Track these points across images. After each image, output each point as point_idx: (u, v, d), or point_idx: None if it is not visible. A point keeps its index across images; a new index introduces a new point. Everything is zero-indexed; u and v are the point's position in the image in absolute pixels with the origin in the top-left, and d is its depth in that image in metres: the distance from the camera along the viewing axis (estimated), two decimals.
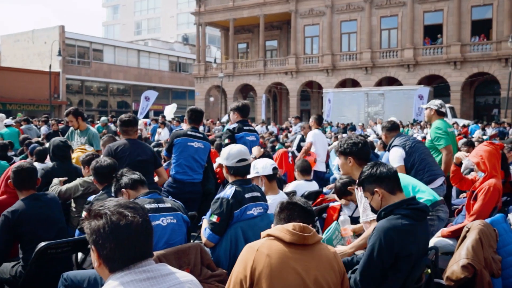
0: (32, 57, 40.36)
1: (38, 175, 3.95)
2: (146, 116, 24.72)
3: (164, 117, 19.02)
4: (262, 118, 29.33)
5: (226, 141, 5.85)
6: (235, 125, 6.05)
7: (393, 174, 2.93)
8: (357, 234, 3.92)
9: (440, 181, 5.11)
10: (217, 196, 3.59)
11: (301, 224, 2.32)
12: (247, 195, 3.56)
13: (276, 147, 10.43)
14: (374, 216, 3.08)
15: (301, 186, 5.86)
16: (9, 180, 3.91)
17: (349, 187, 4.46)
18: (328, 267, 2.31)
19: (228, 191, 3.56)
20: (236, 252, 3.28)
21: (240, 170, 3.69)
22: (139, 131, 7.11)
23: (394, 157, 5.22)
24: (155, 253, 2.78)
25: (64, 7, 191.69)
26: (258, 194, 3.68)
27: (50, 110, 33.84)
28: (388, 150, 5.57)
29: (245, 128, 6.06)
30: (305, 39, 35.15)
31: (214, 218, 3.47)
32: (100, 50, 44.25)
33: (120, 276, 1.65)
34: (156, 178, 5.31)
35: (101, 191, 4.04)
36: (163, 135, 15.37)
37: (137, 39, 59.71)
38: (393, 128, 5.73)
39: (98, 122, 17.70)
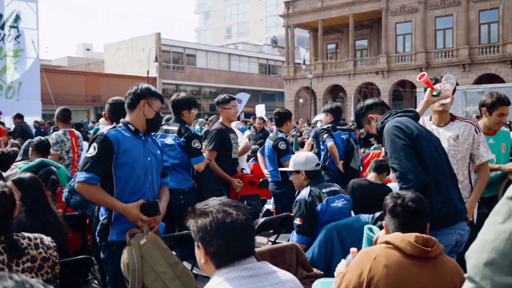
0: (131, 64, 42.82)
1: None
2: (238, 118, 25.19)
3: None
4: (352, 119, 28.83)
5: (325, 136, 6.28)
6: (329, 125, 6.39)
7: (379, 100, 3.35)
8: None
9: None
10: (295, 200, 3.83)
11: (425, 236, 2.19)
12: (324, 190, 3.77)
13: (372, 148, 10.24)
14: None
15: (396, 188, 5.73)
16: None
17: None
18: (449, 283, 2.17)
19: (304, 192, 3.79)
20: (332, 253, 3.30)
21: (317, 173, 3.96)
22: None
23: None
24: None
25: (160, 15, 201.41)
26: (336, 188, 3.91)
27: None
28: None
29: (337, 127, 6.40)
30: (397, 37, 34.04)
31: (297, 221, 3.67)
32: (193, 55, 45.94)
33: (225, 273, 1.70)
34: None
35: None
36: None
37: (228, 43, 61.19)
38: None
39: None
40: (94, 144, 2.92)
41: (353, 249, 2.61)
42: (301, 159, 3.94)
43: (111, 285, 3.05)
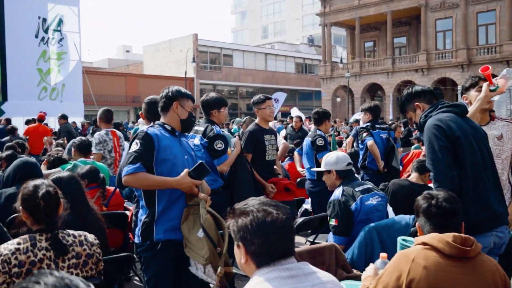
0: (169, 65, 43.44)
1: None
2: (275, 118, 25.20)
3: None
4: (391, 118, 28.36)
5: (364, 134, 6.25)
6: (368, 124, 6.37)
7: (428, 89, 3.18)
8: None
9: None
10: (329, 201, 3.83)
11: (463, 235, 2.15)
12: (357, 189, 3.76)
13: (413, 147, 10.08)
14: None
15: None
16: None
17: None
18: (490, 282, 2.12)
19: (337, 192, 3.80)
20: (372, 255, 3.25)
21: (349, 172, 3.96)
22: None
23: None
24: None
25: (197, 16, 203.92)
26: (369, 186, 3.89)
27: None
28: None
29: (377, 126, 6.39)
30: (437, 33, 33.30)
31: (333, 222, 3.70)
32: (230, 55, 46.19)
33: (265, 273, 1.70)
34: None
35: None
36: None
37: (264, 42, 61.25)
38: None
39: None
40: (136, 141, 2.99)
41: (383, 254, 2.60)
42: (332, 159, 3.97)
43: (152, 285, 3.06)
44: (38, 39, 20.96)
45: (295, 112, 19.75)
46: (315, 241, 4.52)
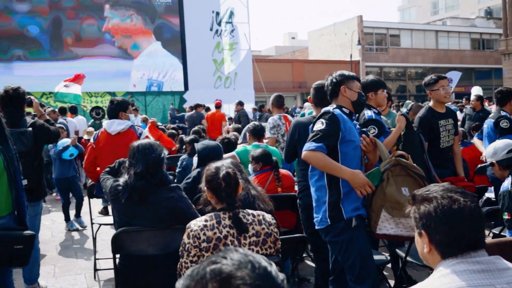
0: (334, 49, 43.35)
1: None
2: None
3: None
4: None
5: None
6: None
7: None
8: None
9: None
10: (499, 193, 3.57)
11: None
12: None
13: None
14: None
15: None
16: None
17: None
18: None
19: (505, 183, 3.55)
20: None
21: None
22: None
23: None
24: None
25: None
26: None
27: None
28: None
29: None
30: None
31: (506, 215, 3.44)
32: (396, 35, 44.42)
33: (451, 264, 1.59)
34: None
35: None
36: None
37: (434, 19, 57.45)
38: None
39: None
40: (322, 120, 3.05)
41: None
42: (490, 150, 3.83)
43: (358, 269, 3.04)
44: (213, 32, 22.70)
45: (475, 91, 18.27)
46: (501, 233, 4.13)
